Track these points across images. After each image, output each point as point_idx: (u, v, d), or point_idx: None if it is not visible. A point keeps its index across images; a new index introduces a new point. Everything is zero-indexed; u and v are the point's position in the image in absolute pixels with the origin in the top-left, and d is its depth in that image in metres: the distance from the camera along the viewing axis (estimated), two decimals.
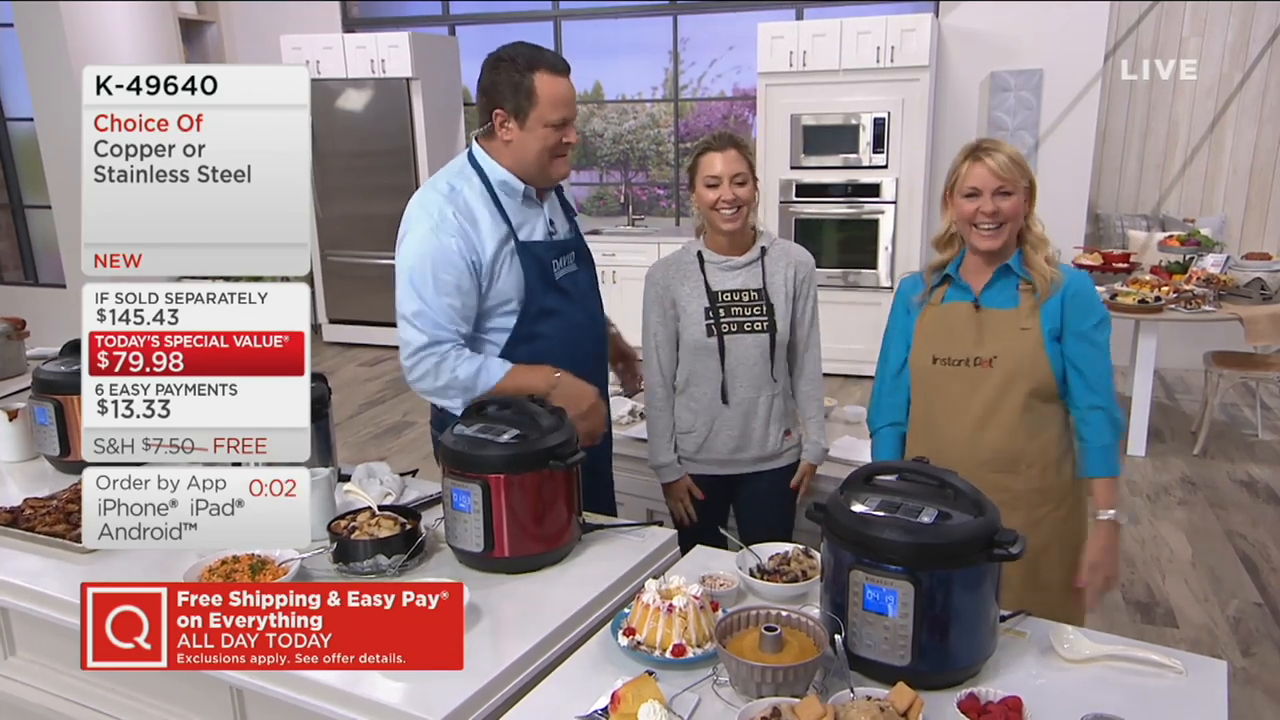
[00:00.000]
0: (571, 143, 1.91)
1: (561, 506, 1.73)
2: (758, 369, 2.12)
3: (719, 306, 2.11)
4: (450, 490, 1.70)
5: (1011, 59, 5.75)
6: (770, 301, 2.11)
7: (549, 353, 1.95)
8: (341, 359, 6.67)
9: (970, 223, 1.81)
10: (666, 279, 2.15)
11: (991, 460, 1.82)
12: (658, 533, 1.87)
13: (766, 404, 2.15)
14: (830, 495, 1.44)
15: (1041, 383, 1.79)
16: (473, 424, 1.76)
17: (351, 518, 1.77)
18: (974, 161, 1.79)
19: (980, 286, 1.85)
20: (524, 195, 1.94)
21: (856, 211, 5.73)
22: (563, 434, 1.73)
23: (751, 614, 1.41)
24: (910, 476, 1.42)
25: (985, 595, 1.33)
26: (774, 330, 2.11)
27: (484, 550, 1.68)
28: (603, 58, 7.15)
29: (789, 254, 2.16)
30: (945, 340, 1.86)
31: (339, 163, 6.56)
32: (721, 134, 2.11)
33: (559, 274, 1.99)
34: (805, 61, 5.61)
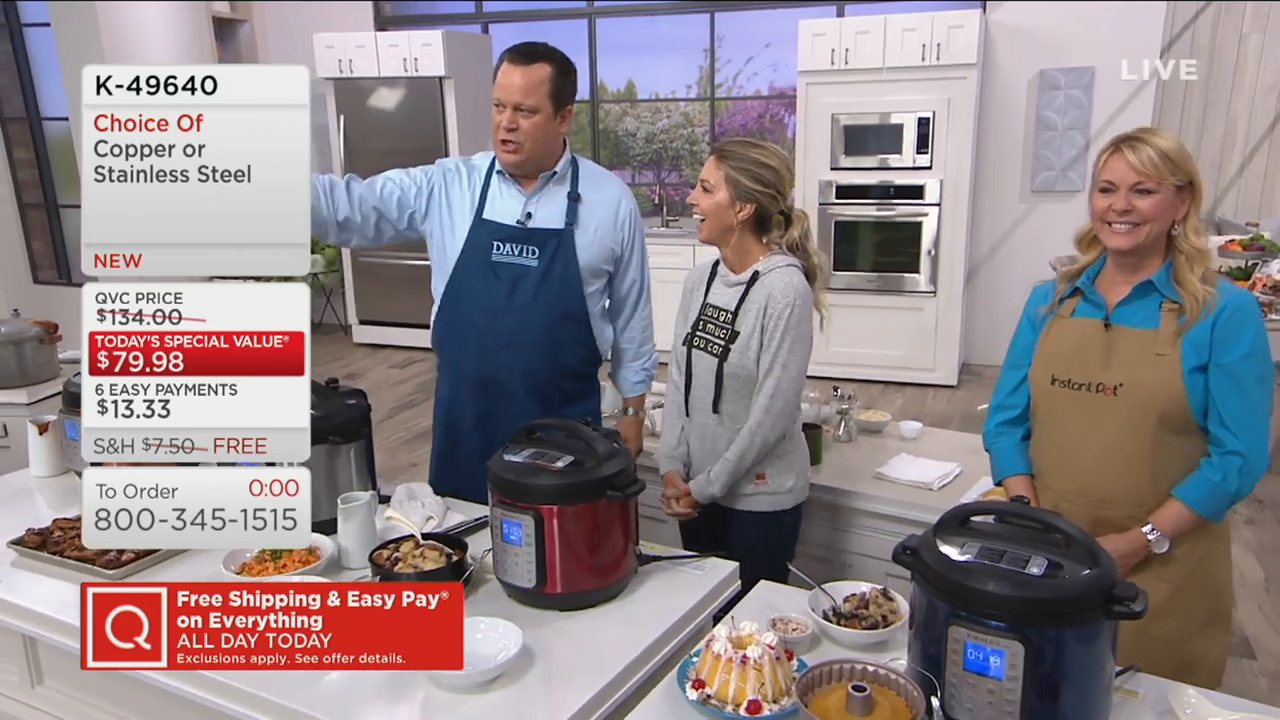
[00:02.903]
0: (505, 125, 2.00)
1: (619, 538, 1.61)
2: (710, 394, 1.98)
3: (700, 319, 2.03)
4: (500, 521, 1.59)
5: (1061, 56, 5.56)
6: (735, 328, 1.95)
7: (465, 323, 2.10)
8: (371, 360, 6.61)
9: (1102, 220, 1.59)
10: (691, 282, 2.12)
11: (1112, 498, 1.62)
12: (718, 565, 1.75)
13: (723, 436, 1.99)
14: (921, 537, 1.31)
15: (1175, 417, 1.57)
16: (523, 449, 1.65)
17: (394, 547, 1.67)
18: (1114, 153, 1.57)
19: (1115, 302, 1.63)
20: (500, 174, 2.11)
21: (898, 214, 5.57)
22: (620, 461, 1.61)
23: (835, 668, 1.28)
24: (1011, 519, 1.29)
25: (1102, 655, 1.19)
26: (724, 357, 1.95)
27: (536, 586, 1.57)
28: (636, 56, 7.03)
29: (770, 286, 1.93)
30: (1067, 360, 1.65)
31: (370, 161, 6.47)
32: (723, 142, 2.02)
33: (497, 256, 2.07)
34: (847, 59, 5.45)
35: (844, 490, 2.36)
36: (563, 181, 2.12)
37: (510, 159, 2.04)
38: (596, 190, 2.14)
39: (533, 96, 1.97)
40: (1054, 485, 1.71)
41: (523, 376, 2.10)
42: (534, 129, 2.00)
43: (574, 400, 2.17)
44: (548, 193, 2.11)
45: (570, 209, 2.10)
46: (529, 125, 1.99)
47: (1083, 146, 5.61)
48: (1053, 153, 5.68)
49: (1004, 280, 5.94)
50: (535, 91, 1.97)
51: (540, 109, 1.99)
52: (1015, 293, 5.92)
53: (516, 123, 1.99)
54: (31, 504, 2.10)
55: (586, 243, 2.10)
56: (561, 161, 2.11)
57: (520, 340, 2.08)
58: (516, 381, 2.10)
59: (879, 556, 2.33)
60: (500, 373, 2.10)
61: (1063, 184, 5.71)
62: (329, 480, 1.88)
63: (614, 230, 2.14)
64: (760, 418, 1.93)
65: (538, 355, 2.10)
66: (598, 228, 2.12)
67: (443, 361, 2.25)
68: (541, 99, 1.98)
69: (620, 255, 2.17)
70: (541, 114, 2.00)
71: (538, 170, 2.09)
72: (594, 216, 2.12)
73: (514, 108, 1.98)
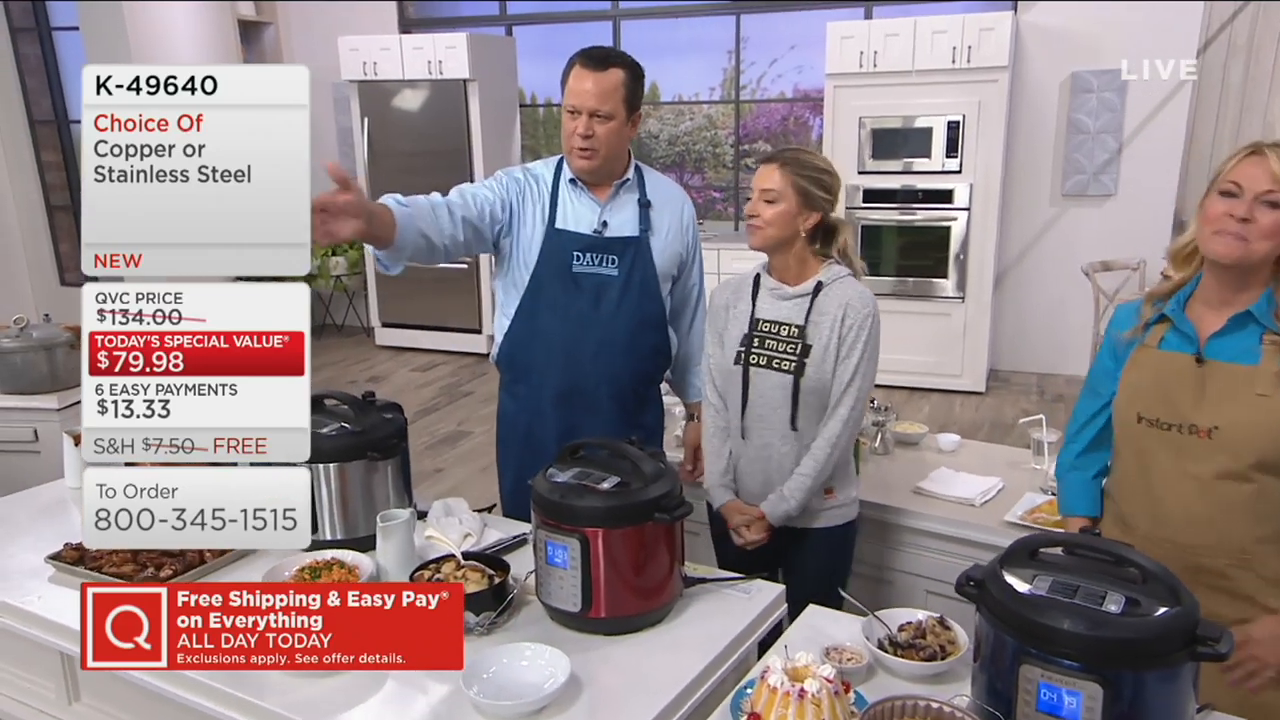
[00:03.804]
0: (580, 133, 1.96)
1: (665, 561, 1.57)
2: (779, 413, 1.93)
3: (754, 335, 1.95)
4: (544, 543, 1.55)
5: (1094, 58, 5.47)
6: (808, 342, 1.90)
7: (548, 336, 2.05)
8: (394, 363, 6.60)
9: (1214, 227, 1.41)
10: (724, 299, 2.03)
11: (1207, 546, 1.48)
12: (764, 588, 1.70)
13: (791, 455, 1.94)
14: (986, 568, 1.27)
15: (1278, 462, 1.41)
16: (568, 469, 1.61)
17: (435, 567, 1.64)
18: (1250, 155, 1.40)
19: (1209, 334, 1.47)
20: (572, 182, 2.07)
21: (925, 218, 5.50)
22: (667, 482, 1.57)
23: (898, 705, 1.24)
24: (1082, 552, 1.24)
25: (1183, 697, 1.14)
26: (800, 373, 1.90)
27: (581, 610, 1.53)
28: (660, 58, 6.99)
29: (844, 295, 1.90)
30: (1154, 397, 1.50)
31: (394, 163, 6.50)
32: (775, 150, 1.98)
33: (578, 267, 2.03)
34: (876, 62, 5.39)
35: (883, 505, 2.31)
36: (633, 189, 2.10)
37: (585, 165, 2.01)
38: (662, 195, 2.14)
39: (608, 102, 1.95)
40: (1140, 529, 1.56)
41: (609, 385, 2.09)
42: (609, 135, 1.98)
43: (647, 405, 2.18)
44: (619, 200, 2.09)
45: (643, 215, 2.09)
46: (604, 131, 1.97)
47: (1115, 150, 5.52)
48: (1084, 156, 5.59)
49: (1033, 285, 5.85)
50: (610, 97, 1.95)
51: (615, 115, 1.97)
52: (1044, 298, 5.85)
53: (592, 129, 1.96)
54: (66, 516, 2.08)
55: (660, 248, 2.10)
56: (630, 168, 2.09)
57: (607, 350, 2.06)
58: (602, 391, 2.09)
59: (923, 575, 2.28)
60: (587, 383, 2.07)
61: (1095, 188, 5.62)
62: (366, 496, 1.86)
63: (681, 234, 2.15)
64: (839, 430, 1.90)
65: (622, 363, 2.09)
66: (668, 232, 2.12)
67: (514, 377, 2.17)
68: (616, 104, 1.96)
69: (685, 259, 2.17)
70: (616, 120, 1.98)
71: (608, 177, 2.07)
72: (664, 222, 2.12)
73: (589, 114, 1.95)
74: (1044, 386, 5.70)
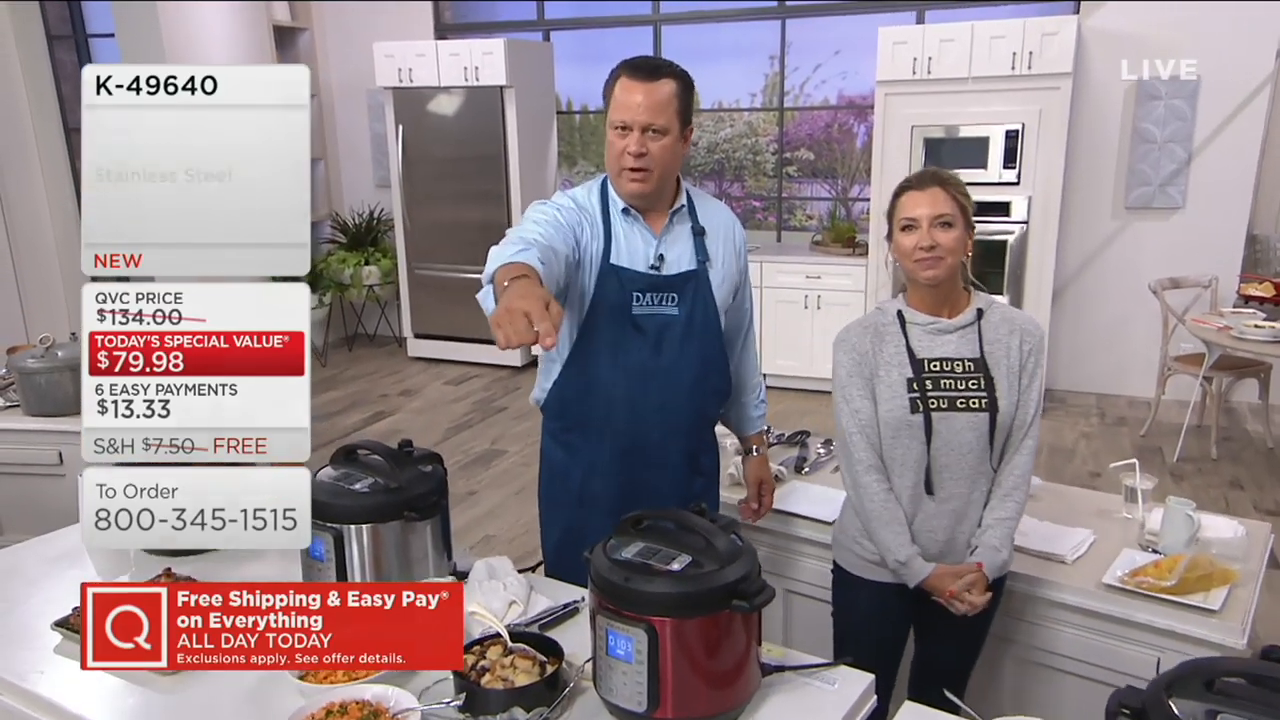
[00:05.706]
0: (632, 153, 1.75)
1: (743, 653, 1.37)
2: (973, 457, 1.74)
3: (925, 377, 1.74)
4: (604, 631, 1.36)
5: (1162, 64, 5.16)
6: (990, 375, 1.73)
7: (607, 386, 1.85)
8: (426, 375, 6.47)
9: None
10: (864, 344, 1.79)
11: None
12: (852, 677, 1.50)
13: (981, 502, 1.78)
14: (1148, 695, 1.05)
15: None
16: (630, 542, 1.42)
17: (480, 651, 1.45)
18: None
19: None
20: (625, 212, 1.85)
21: (981, 231, 5.21)
22: (745, 562, 1.37)
23: None
24: (1270, 684, 1.02)
25: None
26: (994, 409, 1.72)
27: (647, 710, 1.34)
28: (699, 63, 6.79)
29: (1013, 320, 1.79)
30: None
31: (429, 169, 6.37)
32: (925, 171, 1.78)
33: (639, 310, 1.82)
34: (930, 69, 5.15)
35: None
36: (685, 217, 1.89)
37: (638, 189, 1.79)
38: (714, 220, 1.92)
39: (662, 116, 1.74)
40: None
41: (675, 437, 1.90)
42: (663, 152, 1.76)
43: (705, 449, 2.01)
44: (674, 230, 1.87)
45: (698, 245, 1.87)
46: (658, 149, 1.76)
47: (1184, 160, 5.23)
48: (1150, 167, 5.31)
49: (1093, 302, 5.58)
50: (664, 110, 1.74)
51: (669, 129, 1.75)
52: (1105, 315, 5.57)
53: (645, 146, 1.74)
54: (81, 568, 1.91)
55: (719, 281, 1.89)
56: (683, 193, 1.88)
57: (673, 400, 1.87)
58: (669, 444, 1.90)
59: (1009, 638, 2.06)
60: (652, 436, 1.88)
61: (1160, 200, 5.33)
62: (403, 559, 1.68)
63: (736, 260, 1.94)
64: (1028, 463, 1.77)
65: (688, 412, 1.90)
66: (724, 260, 1.91)
67: (565, 426, 1.95)
68: (670, 118, 1.75)
69: (739, 284, 1.96)
70: (670, 135, 1.76)
71: (660, 202, 1.85)
72: (718, 250, 1.90)
73: (641, 129, 1.74)
74: (1104, 408, 5.42)
